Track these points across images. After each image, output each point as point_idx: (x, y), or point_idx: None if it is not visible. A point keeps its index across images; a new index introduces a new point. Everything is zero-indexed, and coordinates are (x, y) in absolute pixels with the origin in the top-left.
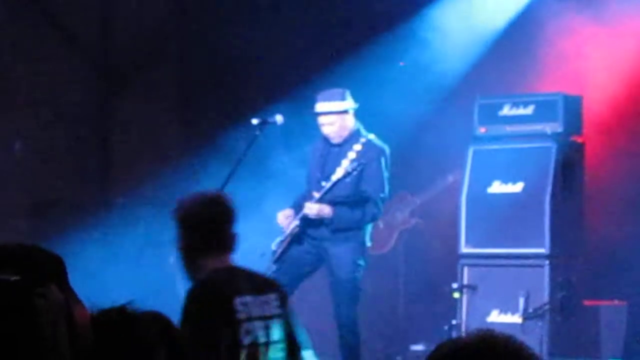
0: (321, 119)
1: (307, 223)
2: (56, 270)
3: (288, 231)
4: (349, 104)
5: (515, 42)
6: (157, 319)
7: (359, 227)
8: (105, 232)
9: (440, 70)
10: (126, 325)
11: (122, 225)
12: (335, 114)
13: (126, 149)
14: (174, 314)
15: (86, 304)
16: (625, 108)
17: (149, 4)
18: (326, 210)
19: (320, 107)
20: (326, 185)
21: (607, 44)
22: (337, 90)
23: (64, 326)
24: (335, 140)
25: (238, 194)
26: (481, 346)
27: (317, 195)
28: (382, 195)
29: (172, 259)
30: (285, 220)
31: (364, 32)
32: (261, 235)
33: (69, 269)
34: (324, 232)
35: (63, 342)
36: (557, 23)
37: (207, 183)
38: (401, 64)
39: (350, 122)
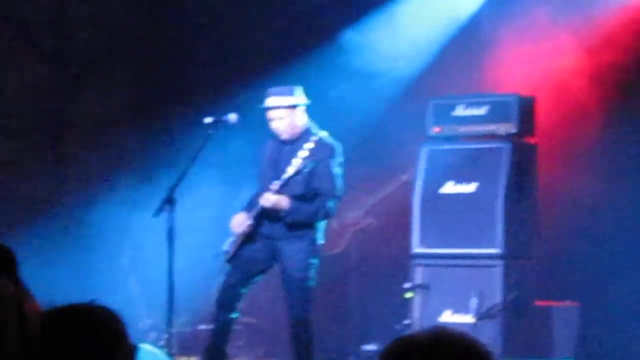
0: (270, 114)
1: (261, 221)
2: (7, 264)
3: (241, 230)
4: (299, 99)
5: (469, 43)
6: (112, 314)
7: (314, 221)
8: (57, 230)
9: (395, 70)
10: (92, 318)
11: (74, 223)
12: (285, 109)
13: (80, 147)
14: (123, 311)
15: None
16: (575, 109)
17: (104, 2)
18: (283, 202)
19: (269, 101)
20: (279, 182)
21: (557, 46)
22: (287, 86)
23: (15, 317)
24: (284, 136)
25: (192, 192)
26: (435, 342)
27: (275, 187)
28: (335, 192)
29: (125, 257)
30: (238, 227)
31: (318, 33)
32: (215, 235)
33: (20, 265)
34: (277, 230)
35: (13, 333)
36: (510, 25)
37: (162, 180)
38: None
39: (300, 119)
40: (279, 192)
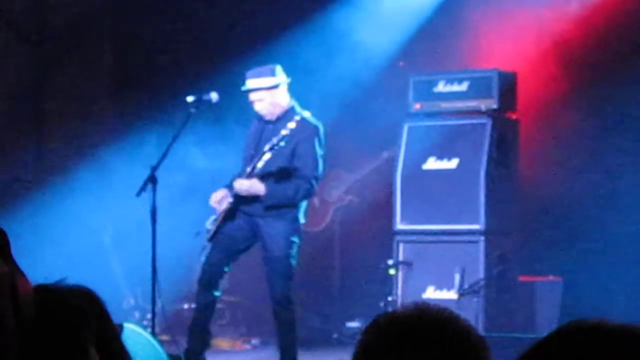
0: (251, 96)
1: (241, 199)
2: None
3: (222, 208)
4: (279, 79)
5: (450, 19)
6: (85, 293)
7: (292, 204)
8: (38, 210)
9: (376, 47)
10: (59, 297)
11: (56, 203)
12: (265, 90)
13: (61, 125)
14: (106, 291)
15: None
16: (558, 85)
17: None
18: (257, 186)
19: (249, 83)
20: (255, 160)
21: (541, 22)
22: (266, 67)
23: (8, 297)
24: (268, 117)
25: (174, 173)
26: (416, 318)
27: (248, 170)
28: (315, 173)
29: (107, 237)
30: (218, 204)
31: (297, 10)
32: (197, 214)
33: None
34: (257, 208)
35: (8, 313)
36: (490, 1)
37: (142, 160)
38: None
39: (282, 98)
40: (254, 172)
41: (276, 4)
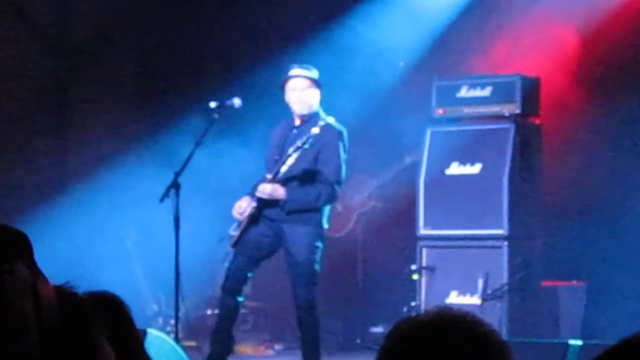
0: (293, 83)
1: (264, 204)
2: (22, 248)
3: (245, 213)
4: (318, 81)
5: (471, 23)
6: (109, 298)
7: (314, 209)
8: (61, 215)
9: (398, 51)
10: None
11: (78, 208)
12: (308, 79)
13: (84, 132)
14: (129, 297)
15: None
16: (582, 89)
17: None
18: (279, 191)
19: (294, 71)
20: (279, 165)
21: (564, 26)
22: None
23: (31, 301)
24: (298, 109)
25: (195, 177)
26: (439, 323)
27: (270, 176)
28: (338, 178)
29: (130, 242)
30: (240, 214)
31: (324, 14)
32: (219, 220)
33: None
34: (280, 213)
35: (30, 317)
36: (512, 4)
37: (165, 165)
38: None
39: (314, 101)
40: (277, 177)
41: (296, 11)
